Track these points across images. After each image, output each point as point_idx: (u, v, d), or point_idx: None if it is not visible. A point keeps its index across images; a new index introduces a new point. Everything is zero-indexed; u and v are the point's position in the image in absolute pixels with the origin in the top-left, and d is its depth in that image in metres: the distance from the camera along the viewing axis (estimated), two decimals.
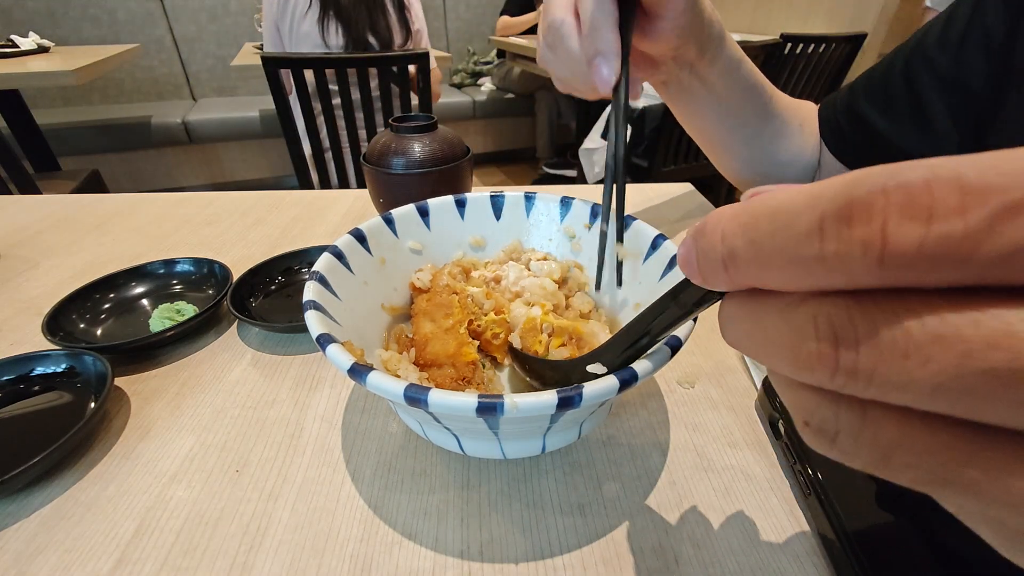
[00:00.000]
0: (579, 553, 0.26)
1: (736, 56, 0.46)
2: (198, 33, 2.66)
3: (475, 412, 0.21)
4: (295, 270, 0.49)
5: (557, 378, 0.26)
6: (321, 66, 1.25)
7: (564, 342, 0.30)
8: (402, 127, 0.49)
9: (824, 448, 0.11)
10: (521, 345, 0.32)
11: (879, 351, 0.09)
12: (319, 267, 0.30)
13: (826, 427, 0.11)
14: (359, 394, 0.36)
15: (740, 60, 0.46)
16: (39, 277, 0.50)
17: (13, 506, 0.28)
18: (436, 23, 3.10)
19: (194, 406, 0.35)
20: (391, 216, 0.37)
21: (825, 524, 0.26)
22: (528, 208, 0.40)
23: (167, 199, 0.68)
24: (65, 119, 2.31)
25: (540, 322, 0.31)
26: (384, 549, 0.26)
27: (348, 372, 0.23)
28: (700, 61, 0.44)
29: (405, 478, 0.30)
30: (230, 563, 0.25)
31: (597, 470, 0.30)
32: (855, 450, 0.10)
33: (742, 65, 0.46)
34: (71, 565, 0.25)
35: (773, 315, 0.11)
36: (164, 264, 0.48)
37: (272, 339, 0.42)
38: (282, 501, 0.28)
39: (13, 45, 1.64)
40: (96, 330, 0.42)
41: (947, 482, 0.10)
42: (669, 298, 0.20)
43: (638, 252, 0.34)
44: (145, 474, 0.30)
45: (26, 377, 0.35)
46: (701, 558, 0.26)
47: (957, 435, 0.09)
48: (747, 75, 0.47)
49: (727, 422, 0.33)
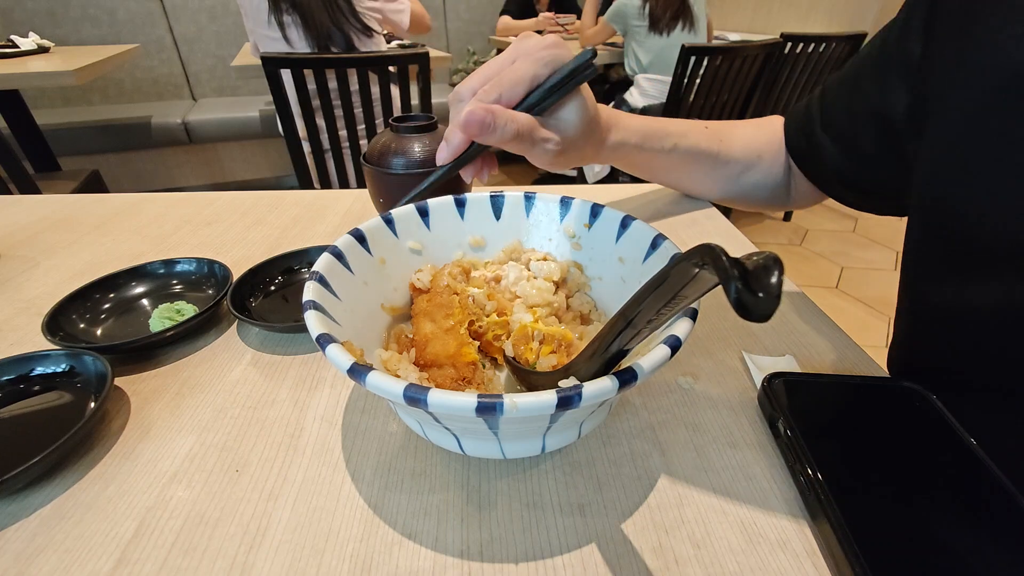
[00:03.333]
0: (579, 553, 0.26)
1: (670, 143, 0.50)
2: (198, 33, 2.66)
3: (475, 412, 0.21)
4: (295, 270, 0.49)
5: (546, 387, 0.27)
6: (321, 66, 1.25)
7: (554, 349, 0.30)
8: (402, 127, 0.49)
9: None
10: (513, 353, 0.32)
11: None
12: (319, 267, 0.30)
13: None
14: (359, 394, 0.36)
15: (672, 147, 0.50)
16: (39, 277, 0.50)
17: (13, 506, 0.28)
18: (436, 23, 3.10)
19: (194, 406, 0.35)
20: (391, 216, 0.37)
21: (825, 524, 0.26)
22: (528, 208, 0.40)
23: (167, 199, 0.68)
24: (65, 119, 2.31)
25: (531, 329, 0.31)
26: (384, 549, 0.26)
27: (348, 372, 0.23)
28: (630, 152, 0.48)
29: (405, 478, 0.30)
30: (230, 563, 0.25)
31: (597, 470, 0.30)
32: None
33: (675, 149, 0.50)
34: (71, 565, 0.25)
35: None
36: (164, 264, 0.48)
37: (272, 339, 0.42)
38: (282, 501, 0.29)
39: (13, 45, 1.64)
40: (96, 330, 0.42)
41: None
42: (620, 318, 0.21)
43: (638, 252, 0.34)
44: (145, 474, 0.30)
45: (26, 377, 0.35)
46: (701, 558, 0.26)
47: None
48: (685, 150, 0.51)
49: (727, 422, 0.33)
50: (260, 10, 1.34)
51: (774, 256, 0.16)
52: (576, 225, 0.39)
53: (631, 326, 0.21)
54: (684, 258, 0.18)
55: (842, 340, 0.41)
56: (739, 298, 0.15)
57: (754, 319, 0.15)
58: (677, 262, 0.19)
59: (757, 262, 0.16)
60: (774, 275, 0.15)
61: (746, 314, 0.15)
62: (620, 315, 0.22)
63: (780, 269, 0.15)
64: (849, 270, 2.09)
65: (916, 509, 0.26)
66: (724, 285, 0.15)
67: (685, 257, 0.18)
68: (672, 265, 0.19)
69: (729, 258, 0.16)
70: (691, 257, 0.18)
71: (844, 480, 0.27)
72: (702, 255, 0.17)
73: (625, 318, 0.21)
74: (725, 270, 0.15)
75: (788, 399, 0.32)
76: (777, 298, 0.15)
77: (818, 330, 0.42)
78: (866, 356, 0.39)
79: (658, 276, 0.20)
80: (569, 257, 0.39)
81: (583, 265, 0.39)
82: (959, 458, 0.29)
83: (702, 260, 0.17)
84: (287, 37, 1.35)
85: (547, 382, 0.26)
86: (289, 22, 1.34)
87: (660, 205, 0.64)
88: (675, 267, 0.19)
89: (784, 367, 0.37)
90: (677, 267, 0.19)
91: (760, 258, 0.16)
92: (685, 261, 0.18)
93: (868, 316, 1.81)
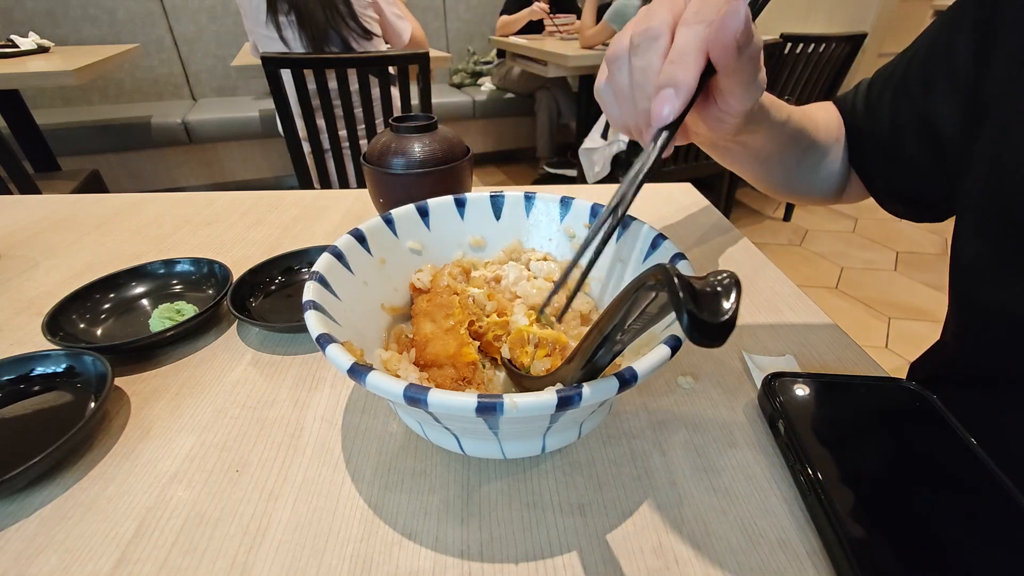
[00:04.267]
0: (579, 553, 0.26)
1: (781, 118, 0.41)
2: (198, 33, 2.66)
3: (475, 412, 0.21)
4: (295, 270, 0.49)
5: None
6: (321, 66, 1.25)
7: (549, 352, 0.30)
8: (402, 127, 0.49)
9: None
10: (510, 356, 0.32)
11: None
12: (319, 267, 0.30)
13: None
14: (359, 394, 0.36)
15: (786, 118, 0.41)
16: (39, 277, 0.50)
17: (13, 506, 0.28)
18: (436, 23, 3.10)
19: (194, 406, 0.35)
20: (391, 216, 0.37)
21: (825, 524, 0.26)
22: (528, 208, 0.40)
23: (167, 199, 0.68)
24: (65, 119, 2.31)
25: (526, 333, 0.31)
26: (384, 549, 0.26)
27: (348, 372, 0.23)
28: (742, 133, 0.38)
29: (405, 478, 0.30)
30: (230, 563, 0.25)
31: (597, 470, 0.30)
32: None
33: (788, 122, 0.42)
34: (71, 565, 0.25)
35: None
36: (164, 264, 0.48)
37: (272, 339, 0.42)
38: (282, 501, 0.29)
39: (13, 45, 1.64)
40: (96, 330, 0.42)
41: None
42: (596, 332, 0.21)
43: (638, 252, 0.34)
44: (145, 474, 0.30)
45: (26, 377, 0.35)
46: (701, 558, 0.26)
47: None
48: (792, 128, 0.43)
49: (727, 422, 0.33)
50: (258, 10, 1.34)
51: (733, 278, 0.15)
52: (576, 225, 0.39)
53: (608, 340, 0.21)
54: (642, 282, 0.18)
55: (842, 340, 0.41)
56: (690, 323, 0.14)
57: (704, 345, 0.14)
58: (637, 287, 0.18)
59: (712, 283, 0.15)
60: (727, 299, 0.14)
61: (696, 339, 0.14)
62: (596, 328, 0.22)
63: (737, 292, 0.15)
64: (849, 270, 2.09)
65: (916, 509, 0.26)
66: (675, 309, 0.15)
67: (642, 281, 0.18)
68: (634, 289, 0.19)
69: (682, 281, 0.15)
70: (647, 280, 0.17)
71: (844, 480, 0.27)
72: (656, 278, 0.16)
73: (601, 333, 0.21)
74: (676, 294, 0.15)
75: (788, 399, 0.32)
76: (728, 323, 0.14)
77: (818, 330, 0.42)
78: (866, 356, 0.39)
79: (624, 295, 0.19)
80: (569, 257, 0.39)
81: (583, 265, 0.39)
82: (959, 458, 0.29)
83: (657, 282, 0.16)
84: (283, 37, 1.35)
85: (537, 387, 0.26)
86: (286, 22, 1.34)
87: (660, 205, 0.64)
88: (636, 291, 0.18)
89: (784, 367, 0.37)
90: (638, 292, 0.18)
91: (716, 279, 0.15)
92: (642, 288, 0.18)
93: (868, 316, 1.81)
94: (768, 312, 0.44)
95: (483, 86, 3.06)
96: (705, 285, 0.15)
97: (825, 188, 0.51)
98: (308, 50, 1.38)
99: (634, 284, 0.18)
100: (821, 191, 0.52)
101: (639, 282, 0.18)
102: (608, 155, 2.09)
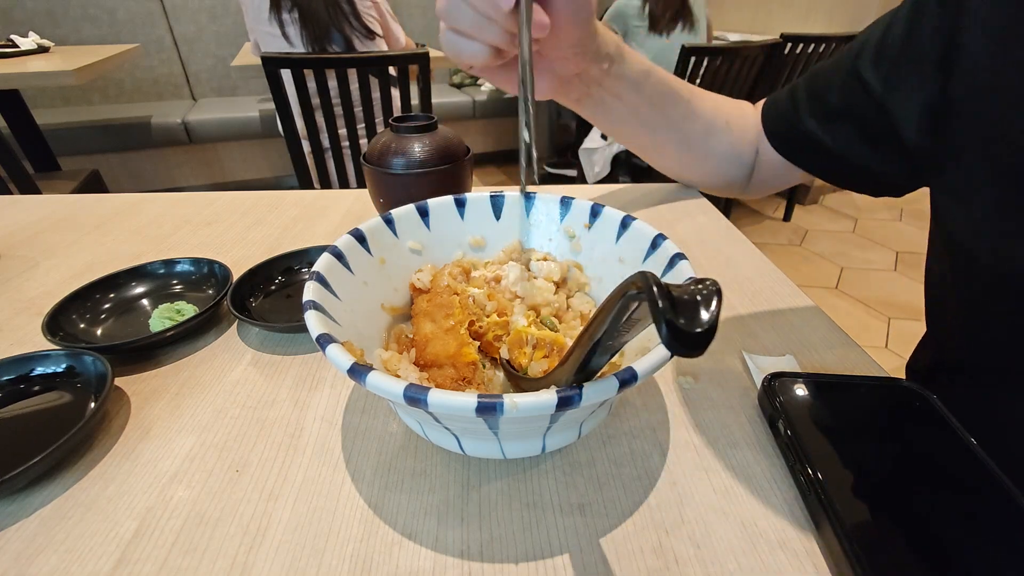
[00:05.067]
0: (579, 553, 0.26)
1: (642, 68, 0.49)
2: (198, 33, 2.66)
3: (475, 412, 0.21)
4: (295, 270, 0.49)
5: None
6: (321, 66, 1.25)
7: (547, 353, 0.30)
8: (402, 127, 0.49)
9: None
10: (508, 357, 0.32)
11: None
12: (319, 267, 0.30)
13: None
14: (359, 394, 0.36)
15: (648, 71, 0.49)
16: (39, 277, 0.50)
17: (13, 506, 0.28)
18: (436, 23, 3.10)
19: (194, 406, 0.35)
20: (391, 216, 0.37)
21: (825, 524, 0.26)
22: (528, 208, 0.40)
23: (167, 199, 0.68)
24: (65, 119, 2.32)
25: (525, 334, 0.31)
26: (384, 549, 0.26)
27: (348, 372, 0.23)
28: (605, 77, 0.47)
29: (405, 478, 0.30)
30: (230, 563, 0.25)
31: (597, 470, 0.30)
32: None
33: (651, 75, 0.50)
34: (71, 565, 0.25)
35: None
36: (164, 264, 0.48)
37: (272, 339, 0.42)
38: (282, 501, 0.29)
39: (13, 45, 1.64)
40: (96, 330, 0.42)
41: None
42: (587, 337, 0.21)
43: (638, 252, 0.34)
44: (145, 474, 0.30)
45: (26, 377, 0.35)
46: (701, 558, 0.26)
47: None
48: (657, 84, 0.50)
49: (727, 422, 0.33)
50: (261, 7, 1.34)
51: (714, 287, 0.15)
52: (576, 225, 0.39)
53: (600, 345, 0.21)
54: (624, 290, 0.18)
55: (842, 340, 0.41)
56: (668, 332, 0.14)
57: (683, 354, 0.14)
58: (621, 294, 0.18)
59: (692, 292, 0.15)
60: (708, 309, 0.14)
61: (674, 349, 0.14)
62: (587, 334, 0.22)
63: (717, 300, 0.15)
64: (849, 270, 2.09)
65: (916, 509, 0.26)
66: (654, 318, 0.15)
67: (625, 288, 0.18)
68: (618, 296, 0.18)
69: (661, 290, 0.15)
70: (628, 289, 0.17)
71: (844, 480, 0.27)
72: (637, 286, 0.16)
73: (592, 338, 0.21)
74: (655, 303, 0.15)
75: (788, 399, 0.32)
76: (708, 333, 0.14)
77: (818, 330, 0.42)
78: (866, 356, 0.39)
79: (610, 301, 0.19)
80: (569, 257, 0.39)
81: (583, 265, 0.39)
82: (959, 458, 0.29)
83: (638, 290, 0.16)
84: (286, 35, 1.36)
85: (533, 389, 0.26)
86: (288, 20, 1.34)
87: (660, 205, 0.64)
88: (620, 300, 0.18)
89: (784, 367, 0.37)
90: (622, 300, 0.18)
91: (697, 288, 0.15)
92: (625, 296, 0.18)
93: (868, 316, 1.81)
94: (768, 312, 0.44)
95: (483, 86, 3.06)
96: (684, 293, 0.15)
97: (722, 172, 0.56)
98: (310, 48, 1.38)
99: (618, 291, 0.18)
100: (718, 176, 0.57)
101: (623, 289, 0.18)
102: (608, 155, 2.09)
